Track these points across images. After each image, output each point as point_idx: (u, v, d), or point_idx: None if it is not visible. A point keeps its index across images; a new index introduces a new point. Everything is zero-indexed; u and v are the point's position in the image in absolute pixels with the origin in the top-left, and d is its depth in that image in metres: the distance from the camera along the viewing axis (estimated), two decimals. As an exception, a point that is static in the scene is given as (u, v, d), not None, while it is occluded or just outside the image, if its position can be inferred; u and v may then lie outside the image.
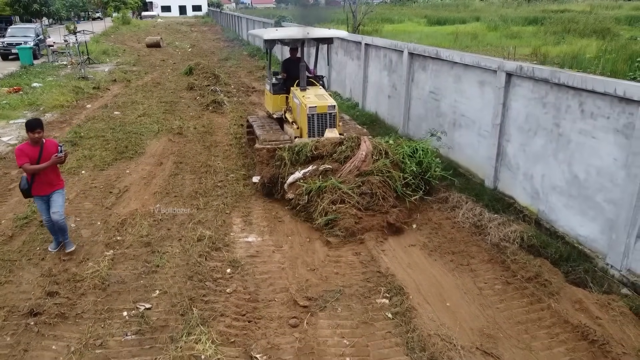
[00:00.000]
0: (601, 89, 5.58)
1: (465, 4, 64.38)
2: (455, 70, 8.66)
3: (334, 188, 6.95)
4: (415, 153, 7.56)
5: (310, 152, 7.56)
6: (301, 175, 7.34)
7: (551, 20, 38.61)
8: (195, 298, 5.23)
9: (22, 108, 14.06)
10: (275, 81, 9.35)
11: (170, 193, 8.08)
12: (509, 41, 31.07)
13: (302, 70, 8.69)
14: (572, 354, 4.46)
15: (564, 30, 33.46)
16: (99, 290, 5.40)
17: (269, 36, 8.82)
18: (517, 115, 7.14)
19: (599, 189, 5.77)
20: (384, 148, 7.49)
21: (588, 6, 55.74)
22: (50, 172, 5.90)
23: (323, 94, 8.60)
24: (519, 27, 38.81)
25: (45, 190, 5.93)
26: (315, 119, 8.13)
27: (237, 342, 4.61)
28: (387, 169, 7.18)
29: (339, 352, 4.51)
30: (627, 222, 5.32)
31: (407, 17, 48.82)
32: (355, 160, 7.28)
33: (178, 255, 6.10)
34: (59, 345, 4.57)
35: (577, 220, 6.14)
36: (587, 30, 32.14)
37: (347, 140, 7.59)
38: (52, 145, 5.86)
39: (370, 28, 33.69)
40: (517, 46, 28.31)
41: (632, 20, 38.87)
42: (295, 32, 9.02)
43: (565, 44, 26.48)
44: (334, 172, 7.29)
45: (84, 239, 6.58)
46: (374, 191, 6.90)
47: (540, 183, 6.76)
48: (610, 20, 36.56)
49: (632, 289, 5.29)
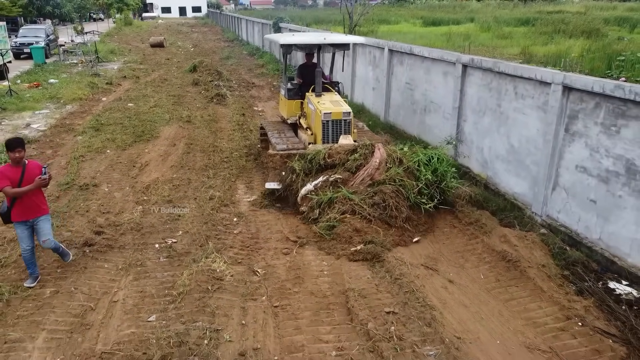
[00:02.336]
0: (527, 75, 7.13)
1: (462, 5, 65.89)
2: (426, 64, 10.21)
3: (345, 199, 6.88)
4: (431, 161, 7.40)
5: (323, 160, 7.42)
6: (312, 187, 7.25)
7: (542, 21, 40.02)
8: (210, 236, 6.77)
9: (44, 101, 15.56)
10: (291, 86, 9.22)
11: (185, 166, 9.61)
12: (501, 41, 32.42)
13: (317, 75, 8.57)
14: (493, 269, 6.01)
15: (554, 30, 34.71)
16: (134, 231, 6.94)
17: (285, 41, 8.72)
18: (471, 99, 8.69)
19: (527, 154, 7.32)
20: (398, 156, 7.38)
21: (583, 7, 57.10)
22: (34, 196, 5.47)
23: (338, 100, 8.48)
24: (510, 27, 40.08)
25: (28, 216, 5.47)
26: (329, 125, 8.01)
27: (243, 263, 6.16)
28: (400, 178, 7.02)
29: (319, 269, 6.05)
30: (545, 178, 6.87)
31: (404, 18, 50.02)
32: (369, 168, 7.14)
33: (195, 209, 7.64)
34: (109, 265, 6.11)
35: (513, 181, 7.69)
36: (576, 30, 33.52)
37: (360, 148, 7.44)
38: (34, 167, 5.46)
39: (366, 29, 34.88)
40: (507, 46, 29.80)
41: (621, 21, 40.30)
42: (312, 38, 9.06)
43: (553, 44, 27.87)
44: (345, 182, 7.16)
45: (117, 198, 8.11)
46: (387, 201, 6.76)
47: (488, 153, 8.31)
48: (599, 21, 38.08)
49: (548, 229, 6.84)
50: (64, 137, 11.68)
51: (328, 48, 9.18)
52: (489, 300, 5.42)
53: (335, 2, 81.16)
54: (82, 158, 10.03)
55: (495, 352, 4.59)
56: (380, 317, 5.01)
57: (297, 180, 7.48)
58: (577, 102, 6.33)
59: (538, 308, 5.24)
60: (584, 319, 4.99)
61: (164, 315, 5.12)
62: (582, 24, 35.18)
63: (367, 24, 36.68)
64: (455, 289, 5.62)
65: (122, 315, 5.14)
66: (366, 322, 4.92)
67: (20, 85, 17.67)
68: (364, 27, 34.73)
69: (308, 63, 9.40)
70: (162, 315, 5.11)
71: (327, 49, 9.27)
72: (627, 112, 5.62)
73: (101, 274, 5.91)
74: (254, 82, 19.09)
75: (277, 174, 7.96)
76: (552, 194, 6.86)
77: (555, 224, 6.78)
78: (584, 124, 6.25)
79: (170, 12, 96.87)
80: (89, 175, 9.05)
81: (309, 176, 7.44)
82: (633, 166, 5.60)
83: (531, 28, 38.88)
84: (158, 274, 5.91)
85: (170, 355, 4.50)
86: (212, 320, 5.03)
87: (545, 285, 5.58)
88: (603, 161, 5.99)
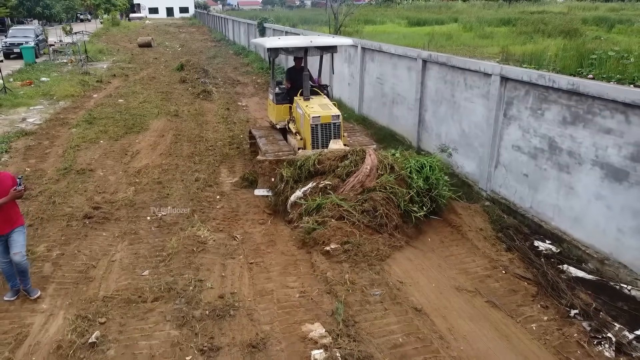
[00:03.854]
0: (474, 68, 8.15)
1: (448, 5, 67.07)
2: (393, 60, 11.20)
3: (333, 205, 6.76)
4: (423, 168, 7.30)
5: (313, 166, 7.34)
6: (302, 194, 7.20)
7: (523, 21, 41.18)
8: (195, 210, 7.70)
9: (38, 97, 16.32)
10: (279, 90, 9.12)
11: (173, 154, 10.50)
12: (482, 41, 33.54)
13: (305, 79, 8.47)
14: (439, 232, 7.01)
15: (534, 30, 35.80)
16: (128, 207, 7.84)
17: (271, 45, 8.59)
18: (430, 91, 9.70)
19: (475, 138, 8.34)
20: (389, 162, 7.23)
21: (566, 7, 58.71)
22: (9, 209, 5.28)
23: (327, 103, 8.40)
24: (492, 27, 41.13)
25: (2, 230, 5.28)
26: (319, 130, 7.96)
27: (224, 231, 7.09)
28: (391, 185, 6.89)
29: (291, 236, 6.98)
30: (489, 157, 7.89)
31: (389, 19, 51.02)
32: (360, 174, 7.02)
33: (181, 188, 8.55)
34: (107, 233, 7.01)
35: (465, 162, 8.71)
36: (555, 30, 34.67)
37: (351, 154, 7.34)
38: (7, 179, 5.29)
39: (351, 29, 35.82)
40: (487, 45, 30.87)
41: (599, 21, 41.72)
42: (299, 41, 8.87)
43: (532, 44, 28.93)
44: (335, 188, 7.07)
45: (111, 181, 8.98)
46: (378, 209, 6.64)
47: (445, 139, 9.32)
48: (577, 21, 39.36)
49: (491, 201, 7.87)
50: (59, 129, 12.49)
51: (315, 51, 9.12)
52: (432, 256, 6.41)
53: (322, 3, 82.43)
54: (77, 147, 10.88)
55: (429, 292, 5.58)
56: (337, 269, 5.98)
57: (287, 188, 7.42)
58: (512, 90, 7.36)
59: (471, 261, 6.25)
60: (507, 268, 6.00)
61: (155, 270, 6.04)
62: (561, 24, 36.49)
63: (353, 24, 37.66)
64: (404, 249, 6.59)
65: (119, 271, 6.05)
66: (326, 272, 5.88)
67: (13, 83, 18.38)
68: (349, 27, 35.68)
69: (297, 67, 9.26)
70: (154, 271, 6.03)
71: (315, 52, 9.19)
72: (549, 97, 6.65)
73: (100, 241, 6.81)
74: (239, 80, 19.99)
75: (266, 180, 8.01)
76: (495, 171, 7.89)
77: (497, 197, 7.80)
78: (517, 109, 7.28)
79: (158, 13, 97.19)
80: (84, 162, 9.91)
81: (298, 183, 7.38)
82: (554, 143, 6.62)
83: (512, 28, 40.09)
84: (150, 240, 6.82)
85: (161, 298, 5.43)
86: (196, 273, 5.95)
87: (480, 244, 6.59)
88: (532, 140, 7.02)
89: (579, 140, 6.22)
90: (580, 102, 6.16)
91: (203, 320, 5.08)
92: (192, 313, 5.17)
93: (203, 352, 4.65)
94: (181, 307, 5.28)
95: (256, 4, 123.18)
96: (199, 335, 4.86)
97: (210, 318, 5.12)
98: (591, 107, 6.00)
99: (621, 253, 5.72)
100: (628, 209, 5.60)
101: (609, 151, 5.80)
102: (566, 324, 4.99)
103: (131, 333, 4.91)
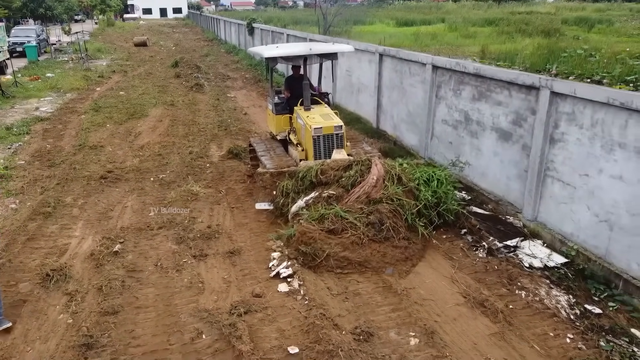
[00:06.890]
0: (415, 59, 10.08)
1: (437, 6, 68.62)
2: (358, 55, 13.11)
3: (337, 216, 6.47)
4: (430, 180, 7.15)
5: (316, 177, 7.10)
6: (304, 204, 7.01)
7: (505, 21, 42.89)
8: (190, 173, 9.58)
9: (46, 90, 18.12)
10: (278, 100, 8.83)
11: (170, 134, 12.36)
12: (465, 40, 35.25)
13: (305, 89, 8.12)
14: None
15: (516, 30, 37.53)
16: (135, 171, 9.70)
17: (269, 54, 8.15)
18: (386, 79, 11.63)
19: (417, 116, 10.26)
20: (396, 173, 6.97)
21: (553, 8, 60.47)
22: None
23: (329, 113, 8.11)
24: (476, 27, 42.73)
25: None
26: (321, 141, 7.68)
27: (212, 186, 8.98)
28: (398, 197, 6.67)
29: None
30: (425, 130, 9.82)
31: (379, 19, 52.64)
32: (365, 185, 6.77)
33: (178, 159, 10.42)
34: (119, 189, 8.88)
35: (410, 137, 10.64)
36: (536, 30, 36.34)
37: (356, 164, 7.07)
38: None
39: (339, 29, 37.45)
40: (470, 45, 32.51)
41: (579, 21, 43.66)
42: (297, 49, 8.47)
43: (511, 43, 30.54)
44: (339, 199, 6.83)
45: (120, 154, 10.83)
46: (384, 221, 6.38)
47: (396, 119, 11.25)
48: (557, 21, 41.14)
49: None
50: (69, 116, 14.31)
51: (315, 58, 8.81)
52: (372, 202, 8.29)
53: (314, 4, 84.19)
54: (87, 130, 12.72)
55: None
56: (298, 209, 7.86)
57: (288, 200, 7.30)
58: (440, 75, 9.28)
59: (402, 205, 8.13)
60: (426, 208, 7.88)
61: (159, 212, 7.91)
62: (542, 24, 38.27)
63: (342, 25, 39.37)
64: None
65: (131, 212, 7.92)
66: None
67: (22, 79, 20.15)
68: (338, 27, 37.42)
69: (295, 75, 8.92)
70: (158, 213, 7.90)
71: (314, 60, 8.87)
72: (464, 80, 8.58)
73: (114, 194, 8.68)
74: (229, 75, 21.86)
75: (267, 193, 7.84)
76: (431, 142, 9.81)
77: (432, 163, 9.72)
78: (444, 90, 9.20)
79: (151, 14, 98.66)
80: (95, 140, 11.75)
81: (300, 194, 7.20)
82: (467, 115, 8.55)
83: (495, 28, 41.95)
84: (154, 193, 8.70)
85: (164, 227, 7.32)
86: (190, 213, 7.83)
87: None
88: (454, 114, 8.94)
89: (482, 112, 8.15)
90: (483, 83, 8.09)
91: (195, 240, 6.96)
92: (188, 235, 7.06)
93: (195, 257, 6.53)
94: (179, 232, 7.16)
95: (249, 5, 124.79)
96: (192, 248, 6.75)
97: (201, 239, 7.01)
98: (489, 86, 7.94)
99: (509, 194, 7.66)
100: (512, 161, 7.53)
101: (500, 119, 7.73)
102: (457, 238, 6.92)
103: (143, 247, 6.79)
